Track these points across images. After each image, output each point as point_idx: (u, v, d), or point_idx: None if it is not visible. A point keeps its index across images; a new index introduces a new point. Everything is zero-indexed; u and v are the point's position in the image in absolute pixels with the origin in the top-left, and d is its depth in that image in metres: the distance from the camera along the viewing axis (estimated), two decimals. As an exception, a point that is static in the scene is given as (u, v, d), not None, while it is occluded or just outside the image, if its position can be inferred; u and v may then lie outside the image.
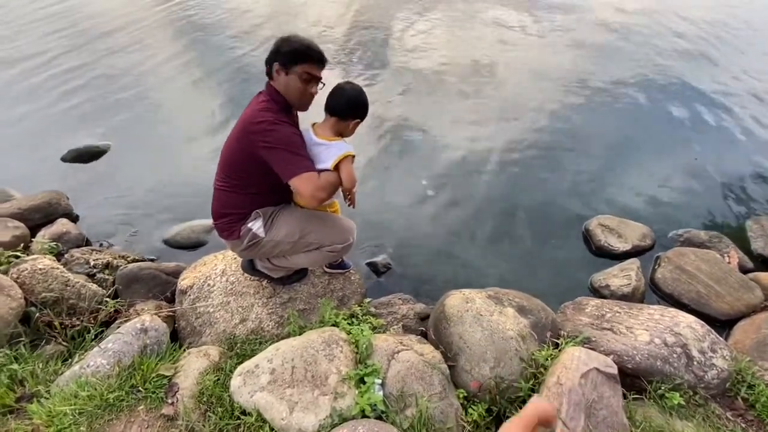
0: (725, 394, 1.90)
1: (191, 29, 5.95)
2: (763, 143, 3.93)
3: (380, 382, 1.67)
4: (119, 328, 1.91)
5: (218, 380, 1.75)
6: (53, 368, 1.81)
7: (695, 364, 1.86)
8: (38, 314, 2.01)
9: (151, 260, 2.65)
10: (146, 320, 1.91)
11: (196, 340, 2.10)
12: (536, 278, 2.67)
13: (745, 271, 2.69)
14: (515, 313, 1.99)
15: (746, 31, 6.14)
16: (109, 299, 2.23)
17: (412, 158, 3.69)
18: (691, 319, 2.04)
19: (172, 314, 2.21)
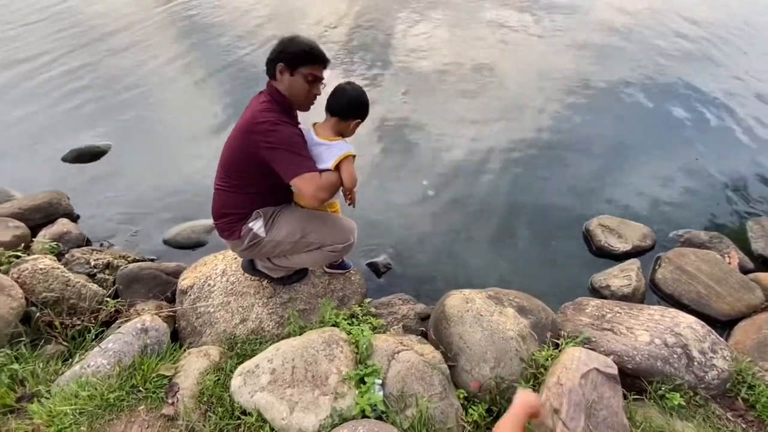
0: (725, 394, 1.90)
1: (192, 29, 5.95)
2: (764, 144, 3.93)
3: (380, 382, 1.67)
4: (120, 328, 1.91)
5: (218, 380, 1.75)
6: (54, 368, 1.81)
7: (696, 364, 1.86)
8: (39, 314, 2.01)
9: (151, 260, 2.66)
10: (147, 320, 1.91)
11: (196, 340, 2.10)
12: (536, 278, 2.67)
13: (745, 271, 2.69)
14: (515, 313, 1.99)
15: (747, 31, 6.14)
16: (109, 299, 2.23)
17: (412, 158, 3.69)
18: (691, 319, 2.04)
19: (172, 314, 2.21)
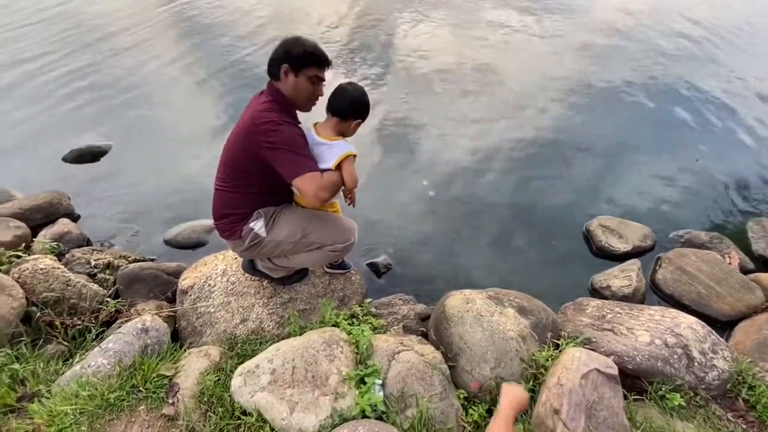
0: (726, 395, 1.90)
1: (194, 30, 5.95)
2: (764, 144, 3.93)
3: (381, 382, 1.67)
4: (120, 328, 1.91)
5: (219, 380, 1.75)
6: (54, 368, 1.81)
7: (696, 365, 1.86)
8: (39, 314, 2.01)
9: (152, 260, 2.66)
10: (147, 320, 1.91)
11: (196, 340, 2.10)
12: (537, 279, 2.67)
13: (745, 272, 2.69)
14: (516, 313, 1.99)
15: (748, 31, 6.13)
16: (110, 299, 2.23)
17: (412, 158, 3.69)
18: (691, 320, 2.04)
19: (172, 314, 2.21)
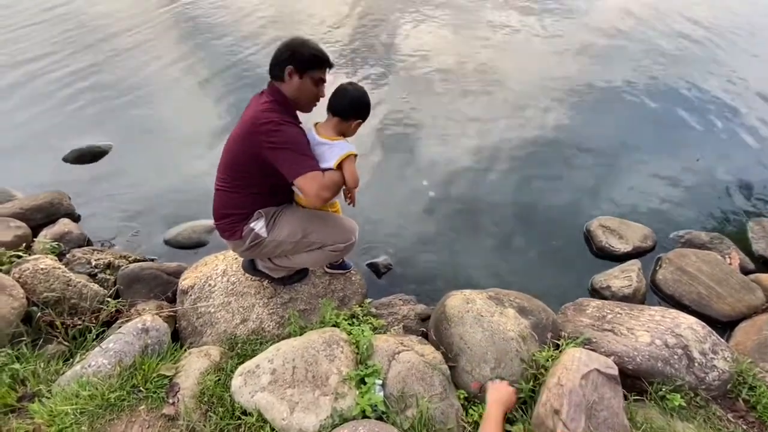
0: (726, 395, 1.90)
1: (196, 30, 5.95)
2: (765, 144, 3.92)
3: (381, 382, 1.67)
4: (120, 328, 1.91)
5: (219, 380, 1.75)
6: (55, 368, 1.82)
7: (696, 365, 1.86)
8: (40, 314, 2.01)
9: (152, 260, 2.66)
10: (147, 320, 1.91)
11: (197, 340, 2.10)
12: (537, 279, 2.67)
13: (746, 272, 2.68)
14: (516, 313, 1.99)
15: (749, 31, 6.13)
16: (110, 299, 2.23)
17: (413, 158, 3.69)
18: (692, 320, 2.04)
19: (173, 314, 2.21)
